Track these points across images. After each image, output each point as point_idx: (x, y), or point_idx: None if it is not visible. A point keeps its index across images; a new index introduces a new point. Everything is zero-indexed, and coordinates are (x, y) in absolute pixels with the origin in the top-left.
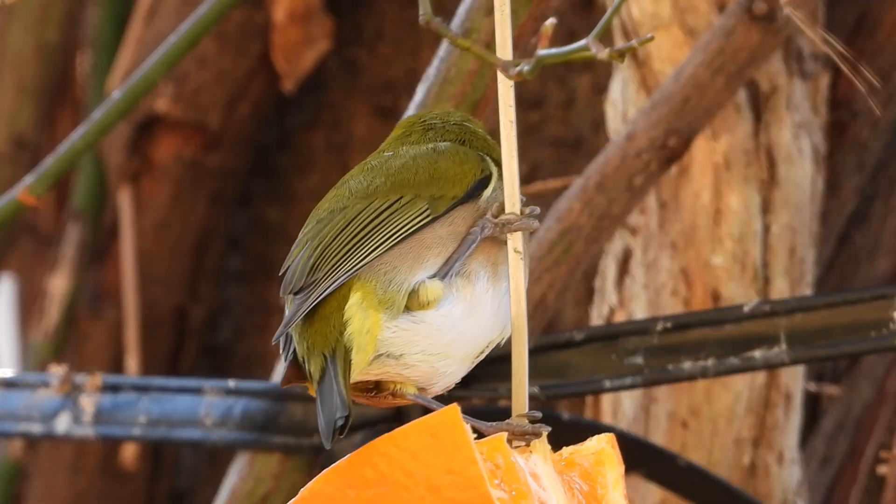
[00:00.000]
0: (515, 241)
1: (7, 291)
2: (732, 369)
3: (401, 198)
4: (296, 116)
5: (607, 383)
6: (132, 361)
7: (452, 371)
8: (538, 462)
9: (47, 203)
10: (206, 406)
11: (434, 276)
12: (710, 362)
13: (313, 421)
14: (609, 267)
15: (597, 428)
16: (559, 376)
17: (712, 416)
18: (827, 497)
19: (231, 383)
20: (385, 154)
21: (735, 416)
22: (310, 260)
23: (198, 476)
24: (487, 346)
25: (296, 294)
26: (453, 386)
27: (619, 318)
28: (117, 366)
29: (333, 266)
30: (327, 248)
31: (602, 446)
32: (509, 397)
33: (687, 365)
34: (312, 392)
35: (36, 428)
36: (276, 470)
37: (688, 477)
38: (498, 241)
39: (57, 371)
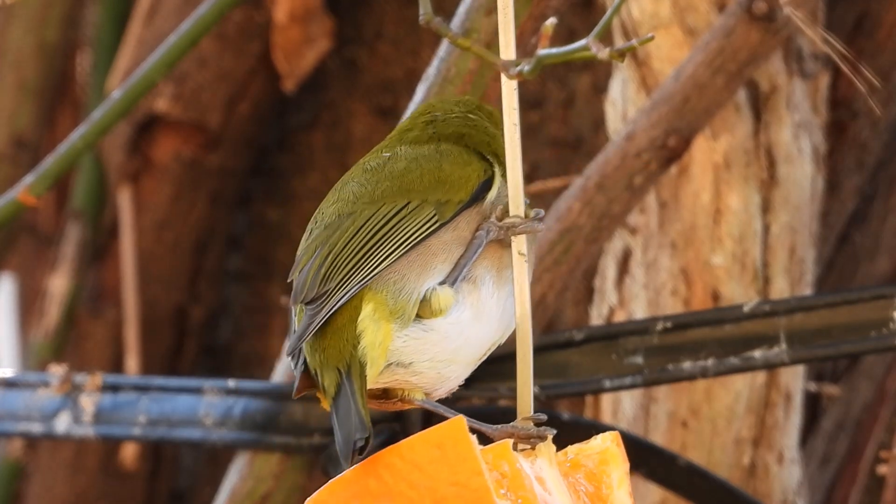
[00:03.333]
0: (520, 244)
1: (7, 291)
2: (732, 369)
3: (408, 203)
4: (296, 116)
5: (607, 383)
6: (132, 361)
7: (458, 375)
8: (543, 466)
9: (47, 203)
10: (206, 406)
11: (444, 282)
12: (710, 362)
13: (313, 421)
14: (609, 267)
15: (597, 428)
16: (559, 376)
17: (712, 416)
18: (827, 497)
19: (231, 383)
20: (384, 154)
21: (735, 416)
22: (321, 269)
23: (198, 476)
24: (491, 349)
25: (307, 304)
26: (457, 388)
27: (619, 317)
28: (117, 366)
29: (345, 276)
30: (338, 257)
31: (607, 445)
32: (509, 397)
33: (687, 365)
34: (326, 405)
35: (36, 428)
36: (276, 470)
37: (688, 477)
38: (501, 245)
39: (57, 371)
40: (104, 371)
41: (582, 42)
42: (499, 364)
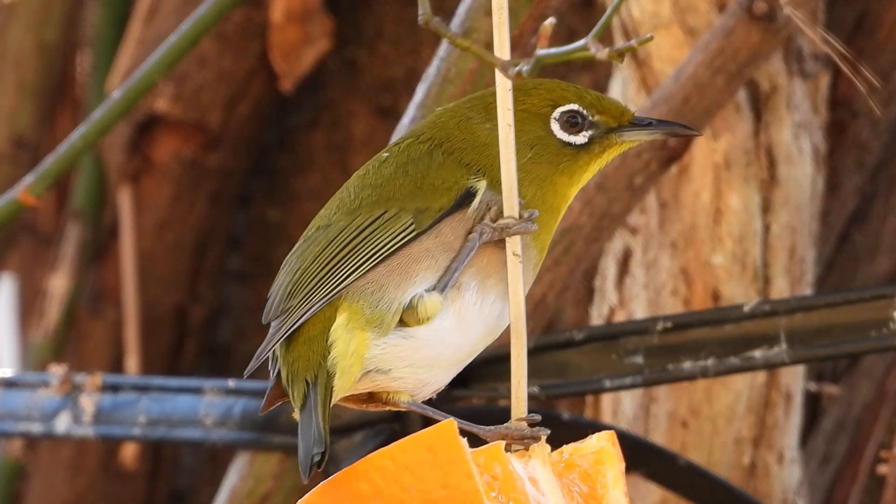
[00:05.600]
0: (514, 244)
1: (7, 291)
2: (732, 369)
3: (384, 213)
4: (296, 116)
5: (607, 383)
6: (132, 361)
7: (438, 380)
8: (537, 466)
9: (47, 203)
10: (206, 406)
11: (433, 288)
12: (710, 362)
13: None
14: (609, 267)
15: (597, 427)
16: (559, 376)
17: (712, 415)
18: (827, 497)
19: (231, 383)
20: (382, 155)
21: (735, 415)
22: (289, 285)
23: (198, 476)
24: (472, 356)
25: (274, 321)
26: (442, 389)
27: (619, 317)
28: (117, 365)
29: (310, 292)
30: (306, 272)
31: (602, 444)
32: (509, 397)
33: (687, 365)
34: (296, 417)
35: (36, 428)
36: (276, 470)
37: (688, 476)
38: (487, 252)
39: (57, 371)
40: (104, 371)
41: (581, 42)
42: (499, 364)
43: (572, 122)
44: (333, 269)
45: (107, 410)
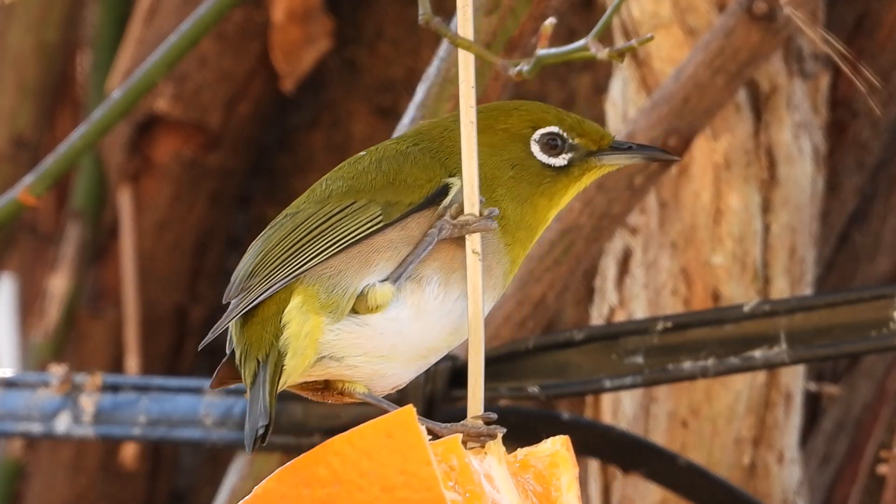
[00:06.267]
0: (474, 242)
1: (7, 291)
2: (732, 369)
3: (353, 203)
4: (296, 116)
5: (607, 383)
6: (132, 361)
7: (396, 373)
8: (492, 464)
9: (47, 203)
10: (206, 406)
11: (386, 279)
12: (710, 362)
13: (313, 421)
14: (609, 267)
15: (596, 428)
16: (559, 376)
17: (712, 415)
18: (827, 497)
19: (230, 385)
20: (360, 153)
21: (735, 415)
22: (251, 266)
23: (198, 476)
24: (434, 352)
25: (232, 300)
26: (401, 386)
27: (619, 317)
28: (117, 365)
29: (270, 272)
30: (268, 255)
31: (556, 448)
32: (509, 397)
33: (687, 365)
34: (247, 396)
35: (36, 428)
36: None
37: (688, 476)
38: (452, 248)
39: (57, 371)
40: (104, 371)
41: (581, 42)
42: (498, 364)
43: (552, 145)
44: (296, 253)
45: (107, 410)
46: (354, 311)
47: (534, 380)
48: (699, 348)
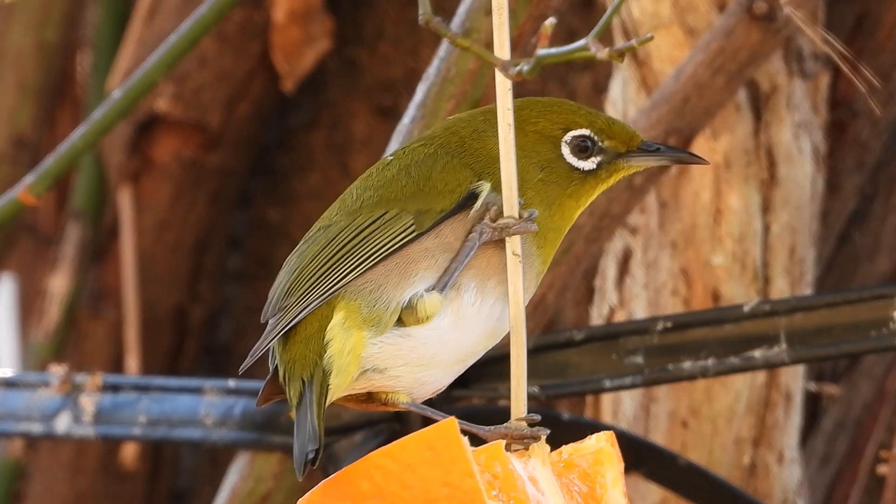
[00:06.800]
0: (514, 244)
1: (7, 291)
2: (732, 369)
3: (385, 213)
4: (296, 116)
5: (607, 383)
6: (132, 361)
7: (436, 379)
8: (536, 466)
9: (47, 203)
10: (206, 406)
11: (432, 288)
12: (710, 362)
13: None
14: (609, 267)
15: (597, 427)
16: (559, 376)
17: (712, 415)
18: (827, 497)
19: (231, 383)
20: (387, 158)
21: (735, 415)
22: (286, 283)
23: (198, 476)
24: (472, 356)
25: (270, 319)
26: (441, 391)
27: (619, 317)
28: (117, 365)
29: (307, 290)
30: (304, 271)
31: (601, 445)
32: (509, 397)
33: (687, 365)
34: (293, 416)
35: (36, 428)
36: (276, 470)
37: (688, 476)
38: (487, 254)
39: (57, 371)
40: (104, 371)
41: (581, 42)
42: (498, 364)
43: (582, 148)
44: (331, 268)
45: (107, 410)
46: (401, 322)
47: (534, 380)
48: (699, 348)
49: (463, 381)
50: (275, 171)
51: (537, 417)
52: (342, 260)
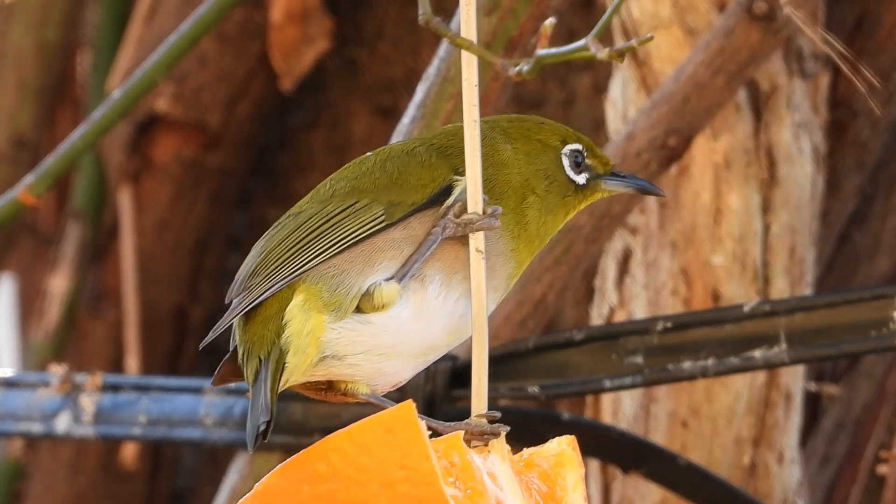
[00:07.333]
0: (477, 240)
1: (7, 291)
2: (732, 369)
3: (356, 202)
4: (296, 116)
5: (607, 383)
6: (132, 361)
7: (397, 370)
8: (496, 462)
9: (47, 203)
10: (206, 406)
11: (391, 278)
12: (710, 362)
13: (313, 420)
14: (609, 267)
15: (597, 428)
16: (559, 376)
17: (712, 415)
18: (827, 497)
19: (231, 383)
20: (367, 154)
21: (735, 415)
22: (252, 265)
23: (198, 476)
24: (433, 350)
25: (234, 299)
26: (402, 384)
27: (619, 317)
28: (117, 365)
29: (272, 271)
30: (270, 254)
31: (562, 448)
32: (509, 397)
33: (687, 365)
34: (249, 396)
35: (36, 428)
36: None
37: (688, 476)
38: (455, 248)
39: (57, 371)
40: (104, 371)
41: (581, 42)
42: (499, 364)
43: (577, 162)
44: (298, 252)
45: (107, 410)
46: (358, 309)
47: (534, 380)
48: (699, 348)
49: (462, 382)
50: (275, 171)
51: (497, 414)
52: (309, 244)
